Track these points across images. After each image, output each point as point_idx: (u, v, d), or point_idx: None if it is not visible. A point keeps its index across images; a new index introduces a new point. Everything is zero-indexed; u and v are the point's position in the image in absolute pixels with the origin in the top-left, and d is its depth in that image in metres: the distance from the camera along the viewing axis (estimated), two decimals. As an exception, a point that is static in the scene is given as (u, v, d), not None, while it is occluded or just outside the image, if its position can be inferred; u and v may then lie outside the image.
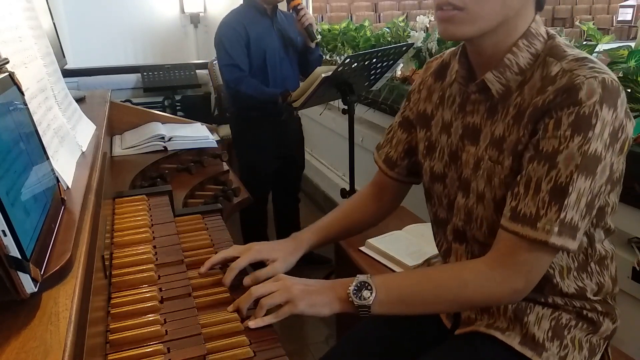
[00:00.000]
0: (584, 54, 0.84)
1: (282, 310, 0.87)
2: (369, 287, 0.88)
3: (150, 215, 1.24)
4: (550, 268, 0.92)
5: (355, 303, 0.87)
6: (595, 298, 0.95)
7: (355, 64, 1.96)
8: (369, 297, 0.87)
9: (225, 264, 1.04)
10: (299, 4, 2.45)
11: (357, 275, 0.90)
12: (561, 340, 0.93)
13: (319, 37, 2.52)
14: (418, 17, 2.40)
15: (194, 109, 4.21)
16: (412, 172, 1.12)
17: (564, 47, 0.86)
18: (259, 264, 1.04)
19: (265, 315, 0.88)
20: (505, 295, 0.87)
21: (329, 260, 2.79)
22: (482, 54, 0.90)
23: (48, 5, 1.89)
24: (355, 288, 0.88)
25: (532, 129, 0.84)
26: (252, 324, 0.86)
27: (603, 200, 0.89)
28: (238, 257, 1.02)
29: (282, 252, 1.05)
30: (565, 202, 0.80)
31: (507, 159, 0.88)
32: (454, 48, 1.03)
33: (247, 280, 0.98)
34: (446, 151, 1.00)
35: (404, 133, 1.11)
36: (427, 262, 1.23)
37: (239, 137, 2.73)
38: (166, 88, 4.22)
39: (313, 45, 2.54)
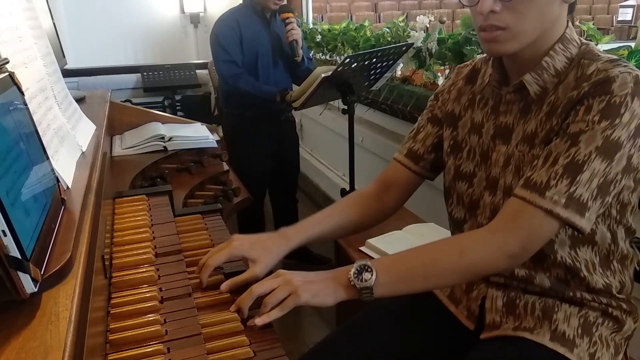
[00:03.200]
0: (617, 56, 0.89)
1: (286, 302, 0.86)
2: (369, 269, 0.88)
3: (150, 215, 1.24)
4: (577, 261, 0.93)
5: (358, 286, 0.87)
6: (620, 296, 0.97)
7: (355, 64, 1.96)
8: (370, 279, 0.87)
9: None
10: (287, 18, 2.47)
11: (357, 260, 0.90)
12: (590, 337, 0.94)
13: (301, 52, 2.53)
14: (418, 17, 2.39)
15: (194, 109, 4.21)
16: (434, 167, 1.14)
17: (597, 51, 0.91)
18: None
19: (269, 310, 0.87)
20: (502, 260, 0.88)
21: (329, 260, 2.79)
22: (518, 60, 0.94)
23: (48, 5, 1.90)
24: (356, 272, 0.88)
25: (565, 117, 0.88)
26: (259, 320, 0.85)
27: (626, 198, 0.92)
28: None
29: (263, 251, 0.99)
30: (578, 178, 0.83)
31: (539, 147, 0.91)
32: (484, 55, 1.07)
33: (224, 287, 0.95)
34: (477, 151, 1.03)
35: (435, 127, 1.13)
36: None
37: (232, 137, 2.70)
38: (166, 88, 4.21)
39: (298, 59, 2.54)
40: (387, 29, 2.76)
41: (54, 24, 1.94)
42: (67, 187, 0.94)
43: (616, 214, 0.93)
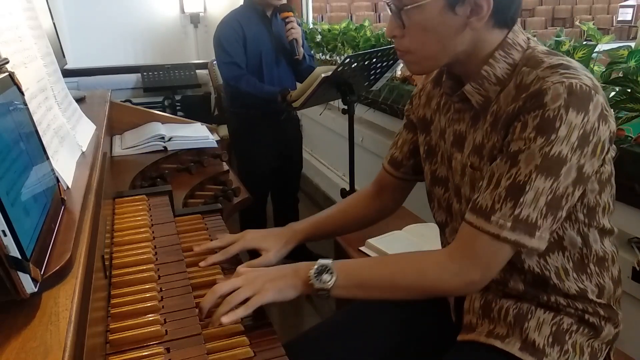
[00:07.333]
0: (561, 60, 0.84)
1: (251, 302, 0.87)
2: (330, 271, 0.90)
3: (150, 215, 1.24)
4: (545, 269, 0.92)
5: (315, 286, 0.89)
6: (598, 300, 0.95)
7: (355, 64, 1.96)
8: (328, 281, 0.89)
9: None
10: (287, 17, 2.49)
11: (319, 259, 0.92)
12: (562, 345, 0.93)
13: (302, 50, 2.54)
14: (418, 17, 2.39)
15: (194, 109, 4.21)
16: (417, 171, 1.13)
17: (541, 56, 0.86)
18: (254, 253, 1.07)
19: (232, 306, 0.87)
20: (461, 286, 0.89)
21: (329, 260, 2.79)
22: (459, 70, 0.93)
23: (48, 5, 1.89)
24: (316, 272, 0.90)
25: (505, 134, 0.86)
26: (225, 319, 0.84)
27: (593, 200, 0.89)
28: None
29: (275, 242, 1.09)
30: (521, 200, 0.81)
31: (486, 164, 0.90)
32: None
33: (240, 270, 0.97)
34: (445, 156, 1.02)
35: (409, 133, 1.13)
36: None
37: (238, 136, 2.74)
38: (166, 88, 4.22)
39: (299, 58, 2.56)
40: (387, 29, 2.75)
41: (54, 24, 1.94)
42: (67, 187, 0.94)
43: (584, 218, 0.90)
